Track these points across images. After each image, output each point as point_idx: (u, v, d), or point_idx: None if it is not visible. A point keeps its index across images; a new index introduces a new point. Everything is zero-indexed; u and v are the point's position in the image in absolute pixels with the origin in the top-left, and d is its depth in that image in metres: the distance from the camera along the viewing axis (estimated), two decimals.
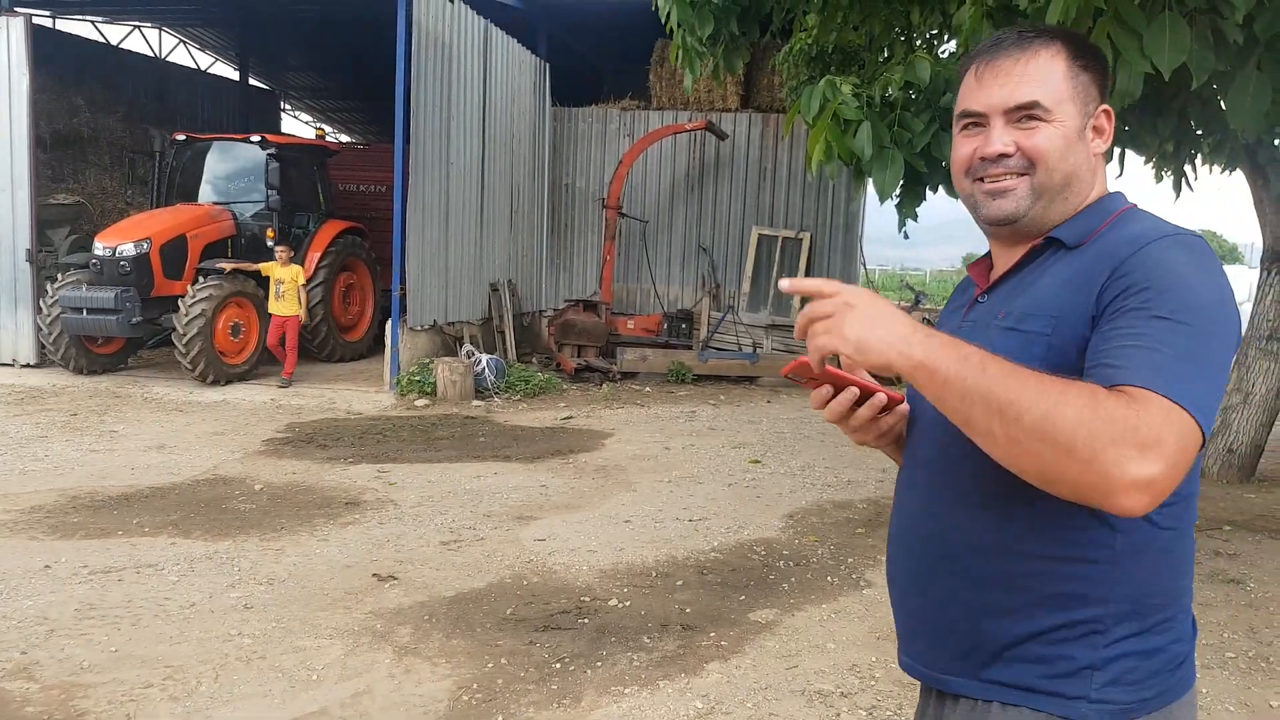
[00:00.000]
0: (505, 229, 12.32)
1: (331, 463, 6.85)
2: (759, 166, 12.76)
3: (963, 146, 1.31)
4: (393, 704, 3.29)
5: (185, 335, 9.13)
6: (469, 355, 10.16)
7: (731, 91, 12.27)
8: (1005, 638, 1.22)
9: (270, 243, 9.99)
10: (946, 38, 6.50)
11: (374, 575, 4.54)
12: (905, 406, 1.37)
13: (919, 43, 6.41)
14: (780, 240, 12.59)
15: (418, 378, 9.70)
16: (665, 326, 11.90)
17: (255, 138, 10.61)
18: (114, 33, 16.34)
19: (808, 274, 12.23)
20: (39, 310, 9.79)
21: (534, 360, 11.69)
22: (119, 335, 9.55)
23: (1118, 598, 1.18)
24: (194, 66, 17.82)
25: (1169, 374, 1.05)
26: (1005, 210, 1.28)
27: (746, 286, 12.66)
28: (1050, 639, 1.19)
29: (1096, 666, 1.17)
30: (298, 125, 21.77)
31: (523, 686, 3.43)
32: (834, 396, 1.28)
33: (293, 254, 9.91)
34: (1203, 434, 1.05)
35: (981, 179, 1.29)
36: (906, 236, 5.50)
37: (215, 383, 9.44)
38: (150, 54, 16.86)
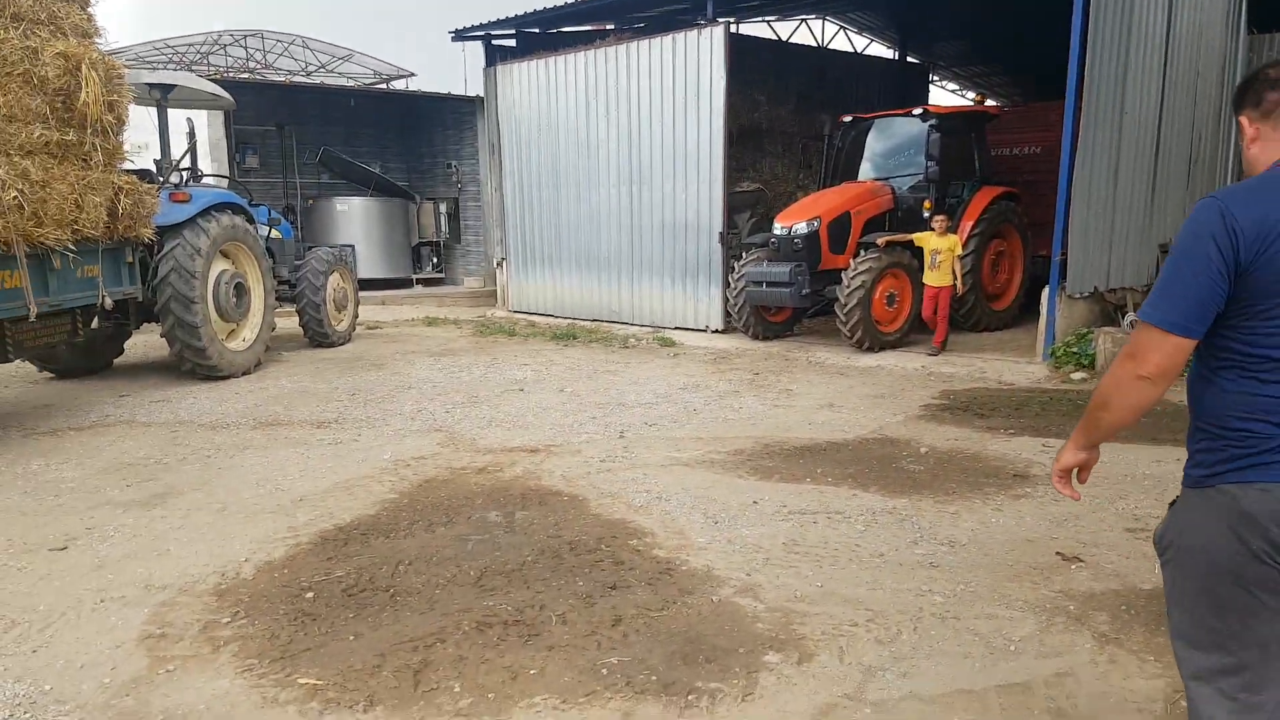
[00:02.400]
0: (1181, 181, 10.65)
1: (991, 432, 6.73)
2: None
3: None
4: (1100, 693, 3.06)
5: (846, 305, 9.86)
6: (1132, 325, 9.06)
7: None
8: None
9: (926, 214, 10.18)
10: None
11: (1058, 553, 4.31)
12: None
13: None
14: None
15: (1074, 349, 9.03)
16: None
17: (917, 110, 10.83)
18: (782, 29, 18.29)
19: None
20: (727, 284, 11.54)
21: None
22: (790, 305, 10.73)
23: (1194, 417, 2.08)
24: (850, 50, 19.01)
25: (1146, 303, 1.98)
26: None
27: None
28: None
29: (1190, 453, 2.06)
30: (941, 95, 21.89)
31: None
32: None
33: (949, 223, 9.96)
34: (1159, 328, 1.92)
35: None
36: None
37: (870, 349, 10.03)
38: (812, 44, 18.49)
